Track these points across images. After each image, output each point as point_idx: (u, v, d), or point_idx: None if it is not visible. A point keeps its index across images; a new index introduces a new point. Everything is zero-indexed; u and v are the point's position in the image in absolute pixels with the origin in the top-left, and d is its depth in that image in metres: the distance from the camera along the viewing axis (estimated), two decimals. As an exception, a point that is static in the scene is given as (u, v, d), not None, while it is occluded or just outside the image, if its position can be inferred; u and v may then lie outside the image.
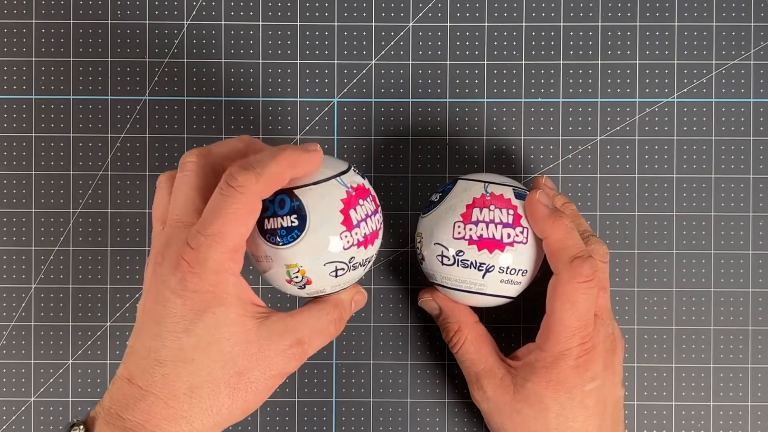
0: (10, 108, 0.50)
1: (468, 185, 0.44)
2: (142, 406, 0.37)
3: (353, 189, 0.40)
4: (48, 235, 0.50)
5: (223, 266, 0.37)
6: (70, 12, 0.50)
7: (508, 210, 0.43)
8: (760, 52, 0.50)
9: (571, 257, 0.42)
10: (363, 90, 0.50)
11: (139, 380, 0.37)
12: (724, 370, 0.50)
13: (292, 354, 0.39)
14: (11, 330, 0.50)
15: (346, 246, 0.39)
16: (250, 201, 0.37)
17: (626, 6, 0.50)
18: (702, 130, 0.50)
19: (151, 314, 0.38)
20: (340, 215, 0.39)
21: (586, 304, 0.41)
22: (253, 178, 0.37)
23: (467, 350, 0.45)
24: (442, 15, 0.50)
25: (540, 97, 0.50)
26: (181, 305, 0.37)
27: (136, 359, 0.38)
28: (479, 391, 0.44)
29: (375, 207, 0.41)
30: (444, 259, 0.43)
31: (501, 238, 0.42)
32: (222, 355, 0.37)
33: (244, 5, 0.50)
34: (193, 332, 0.37)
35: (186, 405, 0.37)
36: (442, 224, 0.43)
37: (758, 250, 0.50)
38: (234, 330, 0.37)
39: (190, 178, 0.39)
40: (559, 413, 0.42)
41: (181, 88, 0.50)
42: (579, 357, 0.42)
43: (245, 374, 0.38)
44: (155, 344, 0.37)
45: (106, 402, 0.38)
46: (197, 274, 0.37)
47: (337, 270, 0.40)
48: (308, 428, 0.50)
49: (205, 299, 0.37)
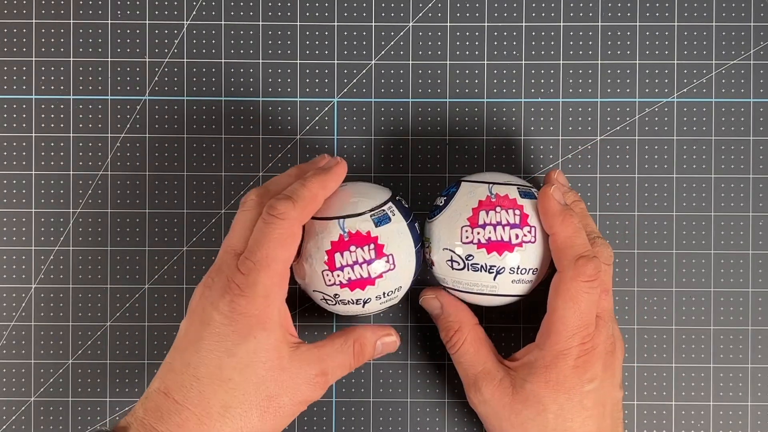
0: (10, 108, 0.50)
1: (472, 187, 0.44)
2: (177, 420, 0.39)
3: (349, 234, 0.42)
4: (48, 235, 0.50)
5: (271, 291, 0.40)
6: (70, 12, 0.50)
7: (514, 210, 0.43)
8: (760, 52, 0.50)
9: (576, 256, 0.42)
10: (363, 90, 0.50)
11: (175, 394, 0.39)
12: (724, 370, 0.50)
13: (316, 383, 0.41)
14: (11, 330, 0.50)
15: (328, 283, 0.42)
16: (291, 226, 0.40)
17: (626, 6, 0.50)
18: (702, 130, 0.50)
19: (195, 333, 0.40)
20: (325, 255, 0.41)
21: (587, 303, 0.41)
22: (290, 204, 0.40)
23: (466, 351, 0.45)
24: (442, 15, 0.50)
25: (540, 97, 0.50)
26: (226, 326, 0.39)
27: (173, 374, 0.40)
28: (476, 394, 0.44)
29: (375, 256, 0.42)
30: (454, 264, 0.43)
31: (509, 240, 0.42)
32: (257, 378, 0.39)
33: (244, 5, 0.50)
34: (235, 354, 0.39)
35: (218, 423, 0.39)
36: (449, 229, 0.43)
37: (758, 250, 0.50)
38: (271, 356, 0.40)
39: (248, 214, 0.42)
40: (557, 414, 0.42)
41: (181, 88, 0.50)
42: (579, 357, 0.42)
43: (275, 399, 0.40)
44: (195, 361, 0.39)
45: (139, 413, 0.40)
46: (246, 297, 0.39)
47: (326, 300, 0.43)
48: (308, 428, 0.50)
49: (250, 323, 0.39)
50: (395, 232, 0.42)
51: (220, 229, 0.50)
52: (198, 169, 0.50)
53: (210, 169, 0.50)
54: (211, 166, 0.50)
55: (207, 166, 0.50)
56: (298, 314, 0.50)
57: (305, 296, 0.50)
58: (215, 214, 0.50)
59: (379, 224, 0.42)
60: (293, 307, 0.50)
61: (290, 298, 0.50)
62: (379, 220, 0.42)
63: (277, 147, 0.50)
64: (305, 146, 0.50)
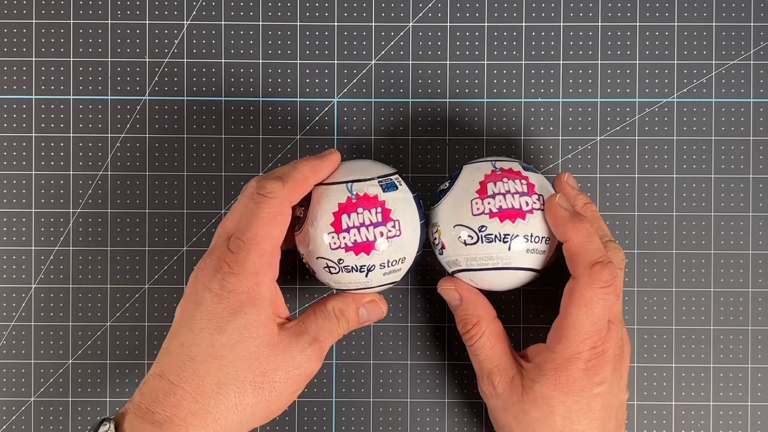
0: (10, 108, 0.50)
1: (476, 165, 0.44)
2: (172, 400, 0.39)
3: (357, 197, 0.42)
4: (48, 235, 0.50)
5: (261, 268, 0.40)
6: (70, 12, 0.50)
7: (520, 180, 0.43)
8: (760, 52, 0.50)
9: (591, 262, 0.41)
10: (363, 90, 0.50)
11: (170, 375, 0.40)
12: (724, 370, 0.50)
13: (311, 352, 0.42)
14: (11, 330, 0.50)
15: (332, 247, 0.42)
16: (280, 205, 0.41)
17: (626, 6, 0.50)
18: (702, 130, 0.50)
19: (188, 314, 0.40)
20: (332, 217, 0.42)
21: (602, 309, 0.41)
22: (280, 184, 0.41)
23: (483, 345, 0.44)
24: (442, 15, 0.50)
25: (540, 97, 0.50)
26: (217, 304, 0.40)
27: (168, 357, 0.40)
28: (490, 387, 0.44)
29: (382, 220, 0.42)
30: (467, 238, 0.43)
31: (520, 207, 0.42)
32: (248, 354, 0.40)
33: (244, 5, 0.50)
34: (225, 330, 0.40)
35: (213, 401, 0.39)
36: (458, 205, 0.43)
37: (758, 250, 0.50)
38: (261, 332, 0.40)
39: (248, 200, 0.42)
40: (565, 416, 0.42)
41: (181, 88, 0.50)
42: (589, 361, 0.42)
43: (269, 374, 0.40)
44: (188, 340, 0.40)
45: (136, 398, 0.40)
46: (236, 275, 0.40)
47: (329, 269, 0.42)
48: (308, 428, 0.50)
49: (241, 300, 0.40)
50: (402, 200, 0.43)
51: (220, 229, 0.50)
52: (198, 169, 0.50)
53: (210, 169, 0.50)
54: (211, 166, 0.50)
55: (207, 166, 0.50)
56: (298, 314, 0.50)
57: (305, 295, 0.50)
58: (215, 214, 0.50)
59: (387, 190, 0.43)
60: (293, 307, 0.50)
61: (290, 298, 0.50)
62: (387, 186, 0.43)
63: (277, 147, 0.50)
64: (305, 146, 0.50)
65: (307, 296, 0.50)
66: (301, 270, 0.50)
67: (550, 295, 0.49)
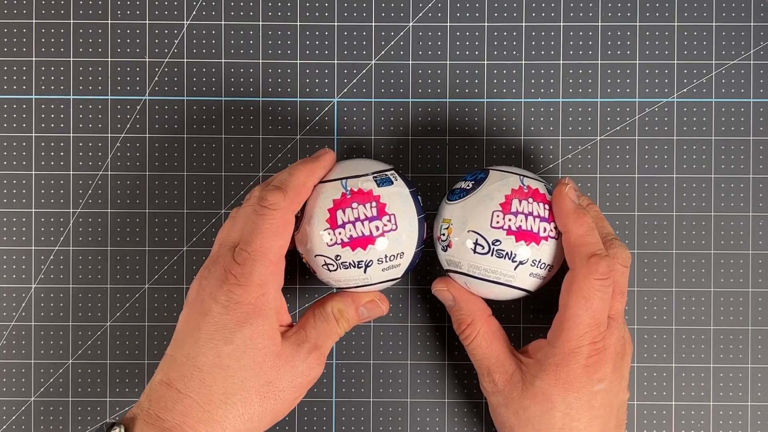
0: (10, 108, 0.50)
1: (503, 175, 0.44)
2: (180, 408, 0.40)
3: (351, 192, 0.42)
4: (48, 235, 0.50)
5: (267, 279, 0.41)
6: (70, 12, 0.50)
7: (544, 204, 0.43)
8: (760, 52, 0.50)
9: (589, 254, 0.42)
10: (363, 90, 0.50)
11: (177, 384, 0.40)
12: (724, 370, 0.50)
13: (311, 359, 0.42)
14: (11, 330, 0.50)
15: (329, 243, 0.42)
16: (283, 216, 0.41)
17: (626, 6, 0.50)
18: (702, 130, 0.50)
19: (194, 324, 0.41)
20: (327, 213, 0.42)
21: (599, 302, 0.41)
22: (281, 195, 0.41)
23: (479, 344, 0.45)
24: (442, 15, 0.50)
25: (540, 97, 0.50)
26: (223, 315, 0.40)
27: (175, 365, 0.41)
28: (490, 384, 0.44)
29: (377, 214, 0.42)
30: (478, 247, 0.43)
31: (538, 232, 0.42)
32: (254, 364, 0.40)
33: (244, 5, 0.50)
34: (232, 341, 0.40)
35: (221, 410, 0.40)
36: (478, 212, 0.43)
37: (758, 250, 0.50)
38: (266, 342, 0.41)
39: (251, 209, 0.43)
40: (565, 413, 0.42)
41: (181, 88, 0.50)
42: (590, 356, 0.42)
43: (274, 384, 0.41)
44: (194, 351, 0.40)
45: (144, 403, 0.40)
46: (243, 286, 0.40)
47: (328, 266, 0.43)
48: (308, 428, 0.50)
49: (247, 311, 0.40)
50: (397, 194, 0.43)
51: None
52: (198, 169, 0.50)
53: (210, 169, 0.50)
54: (211, 166, 0.50)
55: (207, 166, 0.50)
56: (298, 315, 0.50)
57: (305, 295, 0.50)
58: (215, 214, 0.50)
59: (382, 185, 0.43)
60: (293, 307, 0.50)
61: (290, 298, 0.50)
62: (381, 181, 0.43)
63: (277, 147, 0.50)
64: (305, 146, 0.50)
65: (307, 296, 0.50)
66: (301, 270, 0.50)
67: (550, 295, 0.49)
